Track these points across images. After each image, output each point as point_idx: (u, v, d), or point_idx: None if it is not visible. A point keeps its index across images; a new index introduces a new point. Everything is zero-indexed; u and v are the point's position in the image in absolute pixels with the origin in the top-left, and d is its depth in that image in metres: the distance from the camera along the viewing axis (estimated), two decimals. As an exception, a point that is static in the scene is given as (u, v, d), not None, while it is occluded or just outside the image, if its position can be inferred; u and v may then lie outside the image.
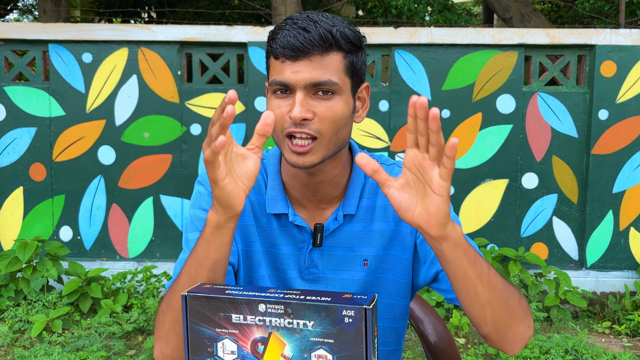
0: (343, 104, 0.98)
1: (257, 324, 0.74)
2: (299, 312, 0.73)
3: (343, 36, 0.96)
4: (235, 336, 0.75)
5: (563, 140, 3.68)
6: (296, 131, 0.95)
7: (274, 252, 1.09)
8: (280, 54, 0.96)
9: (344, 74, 0.98)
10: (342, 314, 0.71)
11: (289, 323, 0.73)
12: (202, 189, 1.09)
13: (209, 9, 7.45)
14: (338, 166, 1.06)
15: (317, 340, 0.72)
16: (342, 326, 0.71)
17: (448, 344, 1.30)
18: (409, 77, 3.65)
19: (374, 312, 0.71)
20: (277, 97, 0.98)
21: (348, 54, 0.98)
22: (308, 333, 0.73)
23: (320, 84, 0.95)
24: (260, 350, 0.74)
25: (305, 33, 0.94)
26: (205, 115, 3.68)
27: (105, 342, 3.00)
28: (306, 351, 0.73)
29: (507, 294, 0.92)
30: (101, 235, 3.73)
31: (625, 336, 3.30)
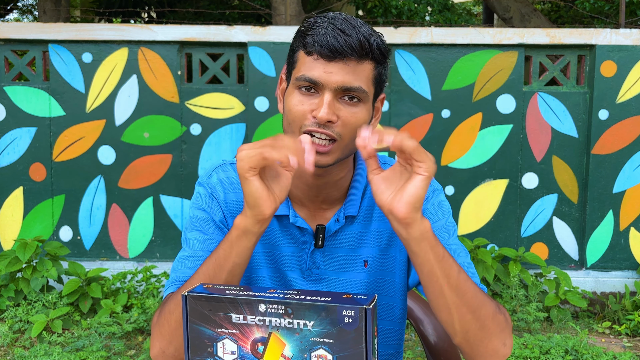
0: (366, 112, 0.99)
1: (257, 324, 0.74)
2: (299, 312, 0.73)
3: (378, 47, 0.96)
4: (235, 336, 0.75)
5: (563, 140, 3.68)
6: (318, 131, 0.95)
7: (275, 253, 1.09)
8: (316, 51, 0.94)
9: (371, 83, 0.98)
10: (342, 314, 0.71)
11: (289, 323, 0.73)
12: (202, 190, 1.09)
13: (209, 9, 7.45)
14: (344, 169, 1.06)
15: (317, 340, 0.72)
16: (342, 326, 0.71)
17: (448, 344, 1.30)
18: (409, 77, 3.65)
19: (374, 313, 0.71)
20: (302, 94, 0.97)
21: (378, 64, 0.99)
22: (308, 333, 0.73)
23: (351, 89, 0.95)
24: (260, 350, 0.74)
25: (346, 36, 0.93)
26: (205, 115, 3.68)
27: (105, 342, 3.00)
28: (306, 351, 0.73)
29: (478, 302, 0.90)
30: (101, 235, 3.73)
31: (626, 336, 3.30)
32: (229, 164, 1.12)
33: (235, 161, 1.12)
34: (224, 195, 1.08)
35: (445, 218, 1.09)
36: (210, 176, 1.10)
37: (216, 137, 3.69)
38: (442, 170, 3.69)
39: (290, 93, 0.99)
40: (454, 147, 3.69)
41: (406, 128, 3.68)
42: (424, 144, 3.68)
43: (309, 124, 0.95)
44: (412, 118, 3.67)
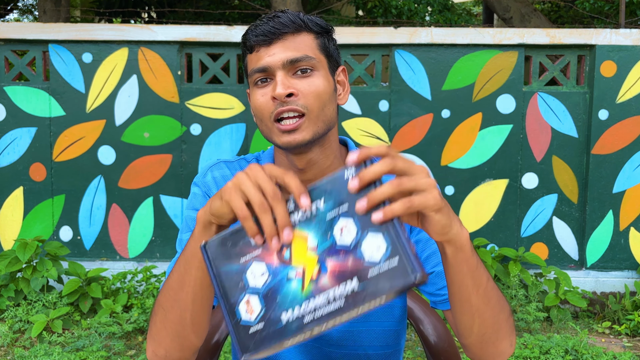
0: (324, 79, 0.99)
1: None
2: (310, 197, 0.72)
3: (311, 20, 1.00)
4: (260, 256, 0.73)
5: (563, 140, 3.68)
6: (284, 110, 0.95)
7: None
8: (254, 42, 0.98)
9: (318, 51, 1.00)
10: (345, 176, 0.70)
11: (304, 211, 0.72)
12: (197, 190, 1.09)
13: (209, 9, 7.45)
14: (329, 156, 1.04)
15: (332, 215, 0.70)
16: (349, 187, 0.69)
17: (448, 344, 1.30)
18: (409, 77, 3.65)
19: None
20: (259, 87, 0.99)
21: (318, 34, 1.01)
22: (321, 213, 0.71)
23: (297, 59, 0.97)
24: (287, 255, 0.71)
25: (276, 19, 0.98)
26: (205, 115, 3.68)
27: (105, 342, 3.00)
28: (328, 229, 0.70)
29: (499, 308, 0.90)
30: (101, 235, 3.73)
31: (625, 336, 3.30)
32: (224, 162, 1.11)
33: (232, 160, 1.12)
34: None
35: None
36: (204, 175, 1.10)
37: (216, 137, 3.69)
38: (442, 170, 3.69)
39: (252, 94, 1.01)
40: (454, 147, 3.69)
41: (406, 128, 3.68)
42: (424, 144, 3.68)
43: (273, 109, 0.96)
44: (412, 118, 3.67)
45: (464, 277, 0.85)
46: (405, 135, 3.68)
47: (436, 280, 1.07)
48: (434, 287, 1.07)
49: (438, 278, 1.06)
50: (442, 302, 1.07)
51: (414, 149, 3.68)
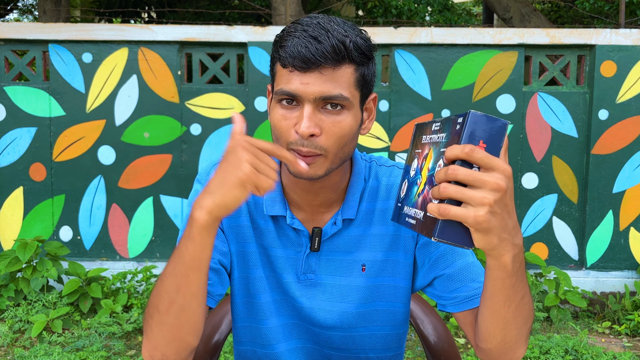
0: (351, 118, 0.94)
1: (428, 142, 0.83)
2: (443, 126, 0.79)
3: (356, 47, 0.91)
4: (419, 155, 0.85)
5: (563, 140, 3.68)
6: (303, 151, 0.92)
7: (270, 255, 1.08)
8: (290, 63, 0.90)
9: (354, 87, 0.94)
10: (457, 121, 0.75)
11: (438, 137, 0.80)
12: (200, 187, 1.08)
13: (209, 9, 7.45)
14: (339, 173, 1.04)
15: (442, 150, 0.77)
16: (453, 134, 0.75)
17: (448, 344, 1.30)
18: (409, 77, 3.65)
19: (484, 124, 0.72)
20: (283, 107, 0.94)
21: (360, 66, 0.94)
22: (441, 144, 0.78)
23: (330, 98, 0.91)
24: (422, 165, 0.83)
25: (317, 43, 0.88)
26: (205, 115, 3.68)
27: (105, 342, 3.00)
28: (436, 161, 0.78)
29: (525, 320, 0.91)
30: (101, 235, 3.73)
31: (625, 336, 3.30)
32: None
33: None
34: None
35: None
36: (208, 173, 1.09)
37: (216, 137, 3.69)
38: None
39: (273, 107, 0.96)
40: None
41: (406, 128, 3.68)
42: (424, 144, 3.68)
43: (293, 141, 0.92)
44: (412, 118, 3.67)
45: (497, 291, 0.85)
46: (406, 135, 3.68)
47: (445, 283, 1.05)
48: (442, 290, 1.06)
49: (448, 281, 1.05)
50: (451, 304, 1.05)
51: (414, 149, 3.68)
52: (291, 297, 1.08)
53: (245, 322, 1.12)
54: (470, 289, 1.03)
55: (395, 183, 1.08)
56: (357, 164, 1.08)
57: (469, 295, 1.02)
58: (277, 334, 1.10)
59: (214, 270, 1.04)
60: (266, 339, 1.10)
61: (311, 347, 1.12)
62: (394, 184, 1.08)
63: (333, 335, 1.09)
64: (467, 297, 1.02)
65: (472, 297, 1.02)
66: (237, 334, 1.15)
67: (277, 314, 1.09)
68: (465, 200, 0.70)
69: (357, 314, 1.08)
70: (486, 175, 0.70)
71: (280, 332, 1.10)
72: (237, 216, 1.08)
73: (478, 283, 1.03)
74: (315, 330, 1.09)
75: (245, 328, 1.13)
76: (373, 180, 1.09)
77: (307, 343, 1.11)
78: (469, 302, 1.02)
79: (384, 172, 1.10)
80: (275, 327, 1.10)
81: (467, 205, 0.70)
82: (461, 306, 1.03)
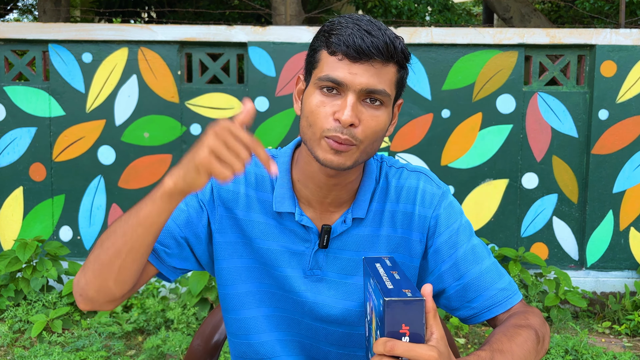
0: (386, 116, 0.97)
1: (370, 299, 0.90)
2: (376, 292, 0.84)
3: (402, 50, 0.95)
4: (369, 302, 0.91)
5: (563, 140, 3.68)
6: (341, 138, 0.93)
7: (261, 247, 1.08)
8: (342, 51, 0.92)
9: (394, 86, 0.97)
10: (380, 301, 0.80)
11: (375, 299, 0.85)
12: None
13: (209, 9, 7.45)
14: (355, 171, 1.05)
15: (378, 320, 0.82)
16: (381, 312, 0.80)
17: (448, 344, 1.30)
18: (409, 77, 3.64)
19: (402, 308, 0.77)
20: (323, 94, 0.95)
21: (401, 68, 0.97)
22: (375, 311, 0.84)
23: (374, 91, 0.93)
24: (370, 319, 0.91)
25: (372, 37, 0.91)
26: (205, 115, 3.68)
27: (105, 342, 3.00)
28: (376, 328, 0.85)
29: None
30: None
31: (625, 336, 3.30)
32: None
33: None
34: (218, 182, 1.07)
35: (459, 219, 1.10)
36: None
37: (216, 137, 3.69)
38: (442, 170, 3.69)
39: (311, 94, 0.96)
40: (454, 147, 3.69)
41: (406, 128, 3.68)
42: (424, 144, 3.68)
43: (331, 128, 0.93)
44: (412, 118, 3.67)
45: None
46: (405, 135, 3.68)
47: (460, 294, 1.07)
48: (457, 302, 1.07)
49: (463, 291, 1.07)
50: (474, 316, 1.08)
51: (414, 149, 3.68)
52: (294, 291, 1.08)
53: (229, 314, 1.13)
54: (485, 299, 1.06)
55: (404, 185, 1.09)
56: (369, 164, 1.09)
57: (485, 307, 1.06)
58: (258, 324, 1.11)
59: (177, 242, 1.07)
60: (246, 328, 1.11)
61: (308, 344, 1.12)
62: (403, 187, 1.09)
63: (334, 331, 1.09)
64: (483, 308, 1.07)
65: (487, 307, 1.06)
66: (229, 326, 1.16)
67: (258, 304, 1.10)
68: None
69: (360, 313, 1.08)
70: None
71: (264, 323, 1.10)
72: (248, 210, 1.09)
73: (493, 291, 1.06)
74: (316, 325, 1.10)
75: (230, 320, 1.14)
76: (383, 181, 1.10)
77: (304, 338, 1.12)
78: (485, 313, 1.07)
79: (393, 173, 1.11)
80: (255, 317, 1.10)
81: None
82: (477, 319, 1.08)
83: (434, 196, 1.09)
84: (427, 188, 1.09)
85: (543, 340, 1.00)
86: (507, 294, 1.07)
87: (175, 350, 2.87)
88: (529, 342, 0.96)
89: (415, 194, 1.08)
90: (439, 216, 1.08)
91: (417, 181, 1.09)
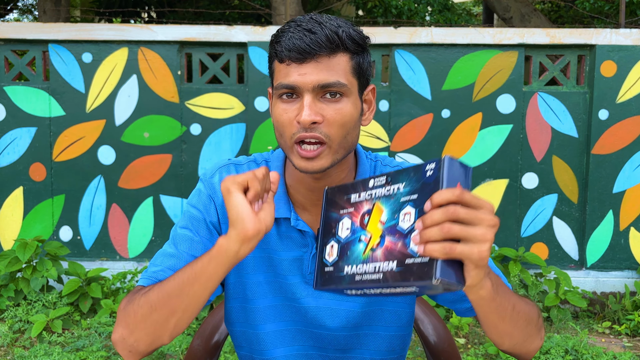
0: (351, 106, 0.96)
1: (367, 199, 0.85)
2: (396, 178, 0.82)
3: (349, 37, 0.94)
4: (351, 214, 0.87)
5: (563, 140, 3.68)
6: (306, 136, 0.93)
7: (274, 258, 1.07)
8: (286, 56, 0.93)
9: (351, 75, 0.96)
10: (426, 168, 0.78)
11: (388, 190, 0.82)
12: (203, 188, 1.08)
13: (209, 9, 7.45)
14: (344, 170, 1.04)
15: (405, 200, 0.79)
16: (424, 180, 0.77)
17: (448, 344, 1.30)
18: (409, 77, 3.65)
19: (457, 168, 0.76)
20: (283, 102, 0.96)
21: (354, 55, 0.96)
22: (399, 194, 0.80)
23: (328, 85, 0.93)
24: (366, 221, 0.84)
25: (311, 35, 0.92)
26: (205, 115, 3.68)
27: (105, 342, 3.00)
28: (397, 212, 0.79)
29: (526, 323, 0.94)
30: (101, 235, 3.73)
31: (626, 336, 3.30)
32: (234, 165, 1.10)
33: (242, 162, 1.11)
34: (223, 199, 1.05)
35: None
36: (212, 175, 1.08)
37: (216, 137, 3.69)
38: (442, 170, 3.68)
39: (274, 104, 0.98)
40: (454, 147, 3.69)
41: (406, 128, 3.68)
42: (424, 144, 3.68)
43: (296, 131, 0.94)
44: (412, 118, 3.67)
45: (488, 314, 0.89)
46: (405, 135, 3.68)
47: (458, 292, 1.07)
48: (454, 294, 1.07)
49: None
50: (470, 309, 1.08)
51: (414, 149, 3.68)
52: (296, 299, 1.07)
53: (242, 327, 1.12)
54: None
55: None
56: (362, 164, 1.08)
57: None
58: (274, 340, 1.09)
59: None
60: (263, 344, 1.10)
61: (314, 354, 1.11)
62: None
63: (338, 335, 1.09)
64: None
65: None
66: (235, 339, 1.15)
67: (274, 319, 1.09)
68: (469, 238, 0.72)
69: (363, 313, 1.08)
70: (482, 213, 0.73)
71: (278, 338, 1.09)
72: None
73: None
74: (320, 332, 1.09)
75: (242, 333, 1.12)
76: None
77: (309, 349, 1.11)
78: None
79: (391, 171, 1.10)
80: (271, 332, 1.09)
81: (467, 242, 0.72)
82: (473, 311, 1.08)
83: None
84: None
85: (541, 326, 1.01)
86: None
87: (175, 350, 2.87)
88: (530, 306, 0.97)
89: None
90: None
91: None
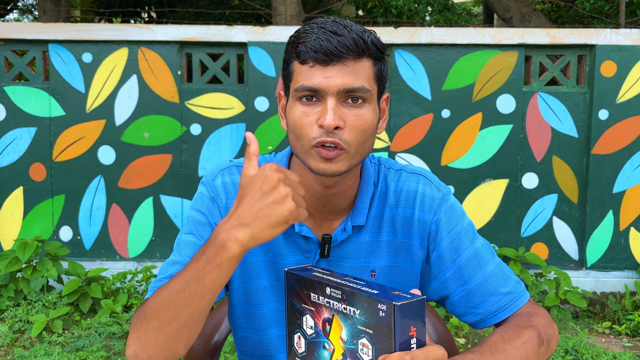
0: (372, 112, 0.95)
1: (325, 305, 0.81)
2: (350, 299, 0.77)
3: (374, 43, 0.93)
4: (313, 313, 0.83)
5: (563, 140, 3.68)
6: (327, 140, 0.91)
7: (278, 263, 1.06)
8: (311, 57, 0.91)
9: (373, 81, 0.95)
10: (377, 307, 0.74)
11: (344, 308, 0.79)
12: (205, 191, 1.06)
13: (209, 9, 7.45)
14: (352, 178, 1.03)
15: (361, 329, 0.76)
16: (378, 319, 0.74)
17: (448, 344, 1.30)
18: (409, 77, 3.65)
19: (410, 310, 0.73)
20: (303, 104, 0.93)
21: (377, 61, 0.95)
22: (356, 320, 0.77)
23: (353, 90, 0.91)
24: (328, 329, 0.81)
25: (339, 37, 0.90)
26: (205, 115, 3.68)
27: (105, 342, 3.00)
28: (355, 337, 0.77)
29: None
30: (101, 235, 3.73)
31: (626, 336, 3.30)
32: (236, 166, 1.08)
33: (243, 163, 1.11)
34: (226, 202, 1.04)
35: (461, 222, 1.07)
36: (214, 178, 1.07)
37: (216, 137, 3.69)
38: (442, 170, 3.69)
39: (292, 106, 0.95)
40: (454, 147, 3.69)
41: (406, 128, 3.68)
42: (424, 144, 3.68)
43: (317, 135, 0.91)
44: (412, 118, 3.67)
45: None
46: (405, 135, 3.68)
47: (465, 299, 1.06)
48: (462, 307, 1.07)
49: (468, 297, 1.05)
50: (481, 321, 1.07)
51: (414, 149, 3.68)
52: None
53: (245, 332, 1.11)
54: (490, 304, 1.05)
55: (403, 189, 1.07)
56: (367, 169, 1.07)
57: (490, 312, 1.05)
58: (277, 345, 1.09)
59: None
60: (267, 349, 1.09)
61: None
62: (402, 190, 1.07)
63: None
64: (488, 313, 1.06)
65: (493, 312, 1.05)
66: (238, 344, 1.14)
67: (277, 324, 1.08)
68: None
69: None
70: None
71: (281, 343, 1.09)
72: None
73: (498, 295, 1.05)
74: None
75: (245, 339, 1.12)
76: (382, 184, 1.08)
77: None
78: (492, 318, 1.06)
79: (392, 176, 1.09)
80: (275, 337, 1.08)
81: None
82: (484, 324, 1.07)
83: (434, 200, 1.06)
84: (426, 191, 1.07)
85: (548, 342, 0.98)
86: (513, 297, 1.05)
87: (175, 350, 2.86)
88: (528, 344, 0.95)
89: (415, 197, 1.06)
90: (440, 221, 1.06)
91: (416, 184, 1.07)
